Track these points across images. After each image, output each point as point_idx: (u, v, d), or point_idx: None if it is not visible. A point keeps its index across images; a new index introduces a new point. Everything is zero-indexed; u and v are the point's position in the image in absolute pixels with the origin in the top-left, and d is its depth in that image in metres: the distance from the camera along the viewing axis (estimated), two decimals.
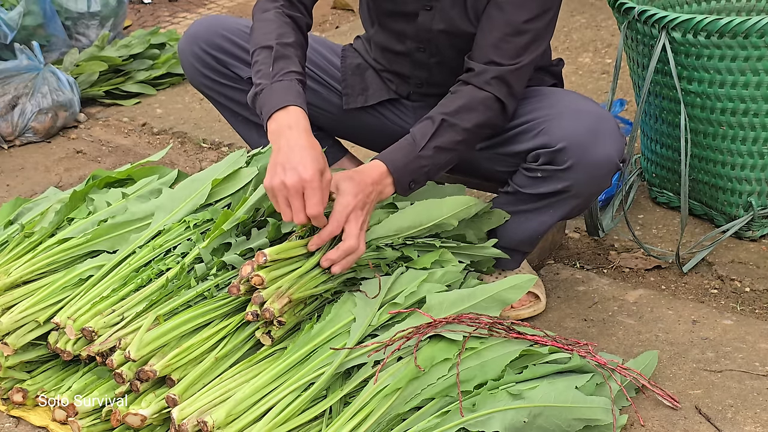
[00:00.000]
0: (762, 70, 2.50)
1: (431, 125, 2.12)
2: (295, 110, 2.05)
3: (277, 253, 2.00)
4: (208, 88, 2.54)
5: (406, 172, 2.10)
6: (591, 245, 2.77)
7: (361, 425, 1.85)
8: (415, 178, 2.12)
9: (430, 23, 2.28)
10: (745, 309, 2.47)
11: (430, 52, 2.34)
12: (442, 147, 2.11)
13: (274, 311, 1.95)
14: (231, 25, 2.50)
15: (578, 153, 2.11)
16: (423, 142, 2.10)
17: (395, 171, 2.09)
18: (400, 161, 2.10)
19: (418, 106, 2.47)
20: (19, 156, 3.49)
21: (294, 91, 2.07)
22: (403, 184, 2.11)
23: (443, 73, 2.36)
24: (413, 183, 2.13)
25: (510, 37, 2.14)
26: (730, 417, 2.06)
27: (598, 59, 4.08)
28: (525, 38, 2.15)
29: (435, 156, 2.11)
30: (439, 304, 2.06)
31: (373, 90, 2.49)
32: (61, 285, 2.14)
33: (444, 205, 2.22)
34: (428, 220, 2.21)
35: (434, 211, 2.21)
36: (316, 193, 1.96)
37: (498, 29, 2.15)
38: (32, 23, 3.90)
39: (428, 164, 2.11)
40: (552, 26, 2.22)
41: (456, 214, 2.22)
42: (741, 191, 2.68)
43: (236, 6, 5.19)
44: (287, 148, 1.99)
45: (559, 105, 2.19)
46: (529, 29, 2.14)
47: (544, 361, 2.01)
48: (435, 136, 2.11)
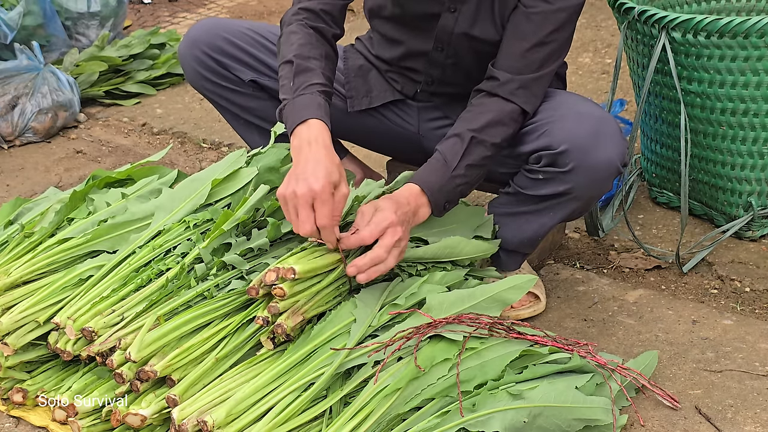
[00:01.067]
0: (762, 70, 2.50)
1: (461, 143, 2.11)
2: (315, 124, 2.04)
3: (306, 272, 1.98)
4: (210, 91, 2.54)
5: (442, 193, 2.11)
6: (591, 245, 2.77)
7: (361, 425, 1.85)
8: (449, 198, 2.13)
9: (452, 26, 2.28)
10: (745, 309, 2.47)
11: (448, 53, 2.34)
12: (473, 164, 2.12)
13: (287, 328, 1.96)
14: (231, 27, 2.49)
15: (580, 156, 2.12)
16: (455, 161, 2.11)
17: (431, 193, 2.09)
18: (435, 183, 2.10)
19: (423, 107, 2.46)
20: (19, 156, 3.49)
21: (315, 104, 2.07)
22: (439, 206, 2.12)
23: (456, 74, 2.36)
24: (448, 203, 2.14)
25: (536, 47, 2.16)
26: (730, 417, 2.06)
27: (598, 59, 4.08)
28: (550, 48, 2.17)
29: (467, 174, 2.12)
30: (439, 304, 2.06)
31: (377, 92, 2.49)
32: (61, 285, 2.14)
33: (467, 247, 2.23)
34: (447, 256, 2.22)
35: (456, 249, 2.22)
36: (326, 204, 1.94)
37: (526, 40, 2.16)
38: (32, 23, 3.90)
39: (462, 183, 2.12)
40: (571, 37, 2.23)
41: (473, 257, 2.25)
42: (741, 191, 2.68)
43: (236, 6, 5.19)
44: (304, 161, 1.99)
45: (561, 107, 2.19)
46: (554, 39, 2.16)
47: (544, 361, 2.01)
48: (466, 155, 2.11)
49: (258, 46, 2.48)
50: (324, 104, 2.09)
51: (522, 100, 2.16)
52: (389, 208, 2.02)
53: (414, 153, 2.55)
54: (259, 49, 2.48)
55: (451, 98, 2.42)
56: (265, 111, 2.53)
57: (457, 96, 2.39)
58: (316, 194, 1.93)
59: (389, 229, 2.00)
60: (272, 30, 2.51)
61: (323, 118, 2.05)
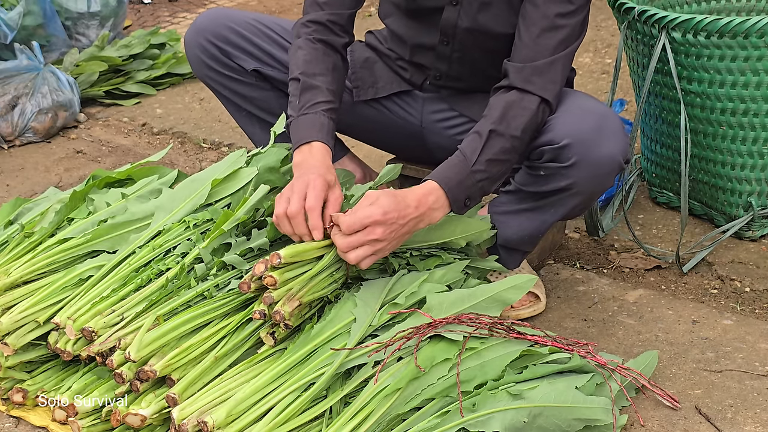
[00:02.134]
0: (762, 70, 2.50)
1: (479, 139, 2.08)
2: (315, 146, 2.12)
3: (291, 256, 1.99)
4: (213, 80, 2.55)
5: (462, 189, 2.06)
6: (591, 245, 2.77)
7: (361, 425, 1.85)
8: (470, 194, 2.08)
9: (455, 18, 2.29)
10: (745, 309, 2.47)
11: (454, 47, 2.34)
12: (493, 159, 2.08)
13: (284, 314, 1.96)
14: (237, 17, 2.51)
15: (582, 150, 2.11)
16: (474, 156, 2.07)
17: (449, 189, 2.04)
18: (453, 179, 2.05)
19: (429, 98, 2.47)
20: (19, 156, 3.49)
21: (317, 125, 2.15)
22: (459, 202, 2.07)
23: (463, 67, 2.37)
24: (469, 200, 2.09)
25: (546, 32, 2.13)
26: (730, 417, 2.06)
27: (598, 59, 4.08)
28: (561, 33, 2.14)
29: (488, 169, 2.08)
30: (439, 304, 2.06)
31: (383, 82, 2.50)
32: (61, 285, 2.14)
33: (458, 227, 2.21)
34: (439, 238, 2.19)
35: (447, 230, 2.19)
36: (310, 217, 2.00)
37: (535, 25, 2.14)
38: (32, 23, 3.90)
39: (483, 178, 2.08)
40: (584, 26, 2.21)
41: (466, 237, 2.22)
42: (741, 191, 2.68)
43: (236, 6, 5.19)
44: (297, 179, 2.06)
45: (565, 103, 2.19)
46: (565, 24, 2.14)
47: (544, 361, 2.01)
48: (486, 149, 2.07)
49: (262, 36, 2.50)
50: (327, 123, 2.16)
51: (538, 87, 2.12)
52: (382, 206, 1.96)
53: (416, 147, 2.55)
54: (264, 39, 2.49)
55: (458, 91, 2.43)
56: (268, 102, 2.54)
57: (465, 90, 2.41)
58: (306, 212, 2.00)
59: (368, 227, 1.96)
60: (279, 22, 2.54)
61: (324, 140, 2.13)
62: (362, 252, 1.97)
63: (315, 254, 2.04)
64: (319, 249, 2.04)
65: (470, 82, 2.38)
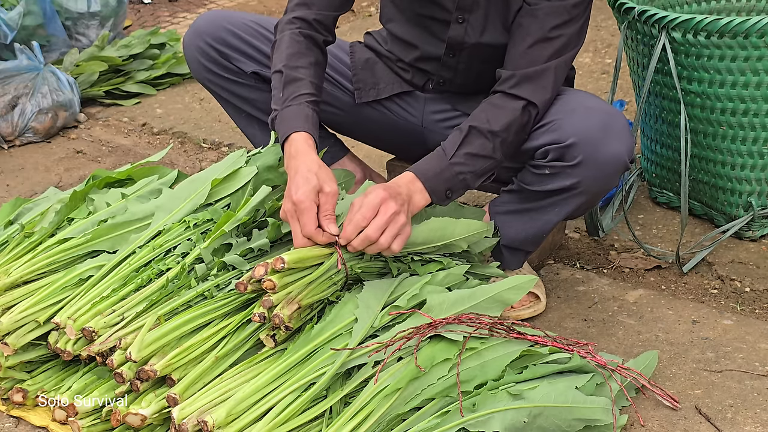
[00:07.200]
0: (762, 70, 2.50)
1: (459, 134, 2.13)
2: (300, 136, 2.12)
3: (295, 261, 1.99)
4: (212, 82, 2.55)
5: (440, 180, 2.10)
6: (591, 245, 2.77)
7: (361, 425, 1.85)
8: (451, 186, 2.12)
9: (462, 35, 2.30)
10: (745, 309, 2.47)
11: (460, 59, 2.36)
12: (474, 153, 2.11)
13: (284, 317, 1.96)
14: (236, 19, 2.51)
15: (588, 149, 2.11)
16: (453, 150, 2.11)
17: (425, 179, 2.09)
18: (431, 170, 2.10)
19: (430, 98, 2.47)
20: (19, 156, 3.49)
21: (302, 116, 2.15)
22: (440, 193, 2.11)
23: (468, 75, 2.38)
24: (450, 191, 2.12)
25: (540, 43, 2.15)
26: (730, 417, 2.07)
27: (598, 59, 4.08)
28: (556, 44, 2.16)
29: (469, 163, 2.11)
30: (439, 304, 2.06)
31: (385, 84, 2.50)
32: (61, 285, 2.14)
33: (457, 227, 2.21)
34: (439, 240, 2.20)
35: (447, 231, 2.20)
36: (307, 212, 2.00)
37: (530, 36, 2.16)
38: (32, 23, 3.90)
39: (463, 171, 2.11)
40: (582, 34, 2.22)
41: (467, 237, 2.23)
42: (741, 191, 2.68)
43: (236, 6, 5.19)
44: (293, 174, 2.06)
45: (570, 103, 2.19)
46: (560, 35, 2.16)
47: (544, 361, 2.01)
48: (464, 143, 2.11)
49: (261, 38, 2.50)
50: (311, 114, 2.16)
51: (526, 92, 2.14)
52: (379, 188, 2.02)
53: (416, 147, 2.55)
54: (262, 41, 2.50)
55: (460, 92, 2.43)
56: (267, 103, 2.53)
57: (468, 91, 2.42)
58: (297, 205, 2.01)
59: (381, 205, 1.99)
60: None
61: (309, 130, 2.13)
62: (389, 233, 2.00)
63: (317, 260, 2.04)
64: (324, 254, 2.04)
65: (475, 86, 2.39)
